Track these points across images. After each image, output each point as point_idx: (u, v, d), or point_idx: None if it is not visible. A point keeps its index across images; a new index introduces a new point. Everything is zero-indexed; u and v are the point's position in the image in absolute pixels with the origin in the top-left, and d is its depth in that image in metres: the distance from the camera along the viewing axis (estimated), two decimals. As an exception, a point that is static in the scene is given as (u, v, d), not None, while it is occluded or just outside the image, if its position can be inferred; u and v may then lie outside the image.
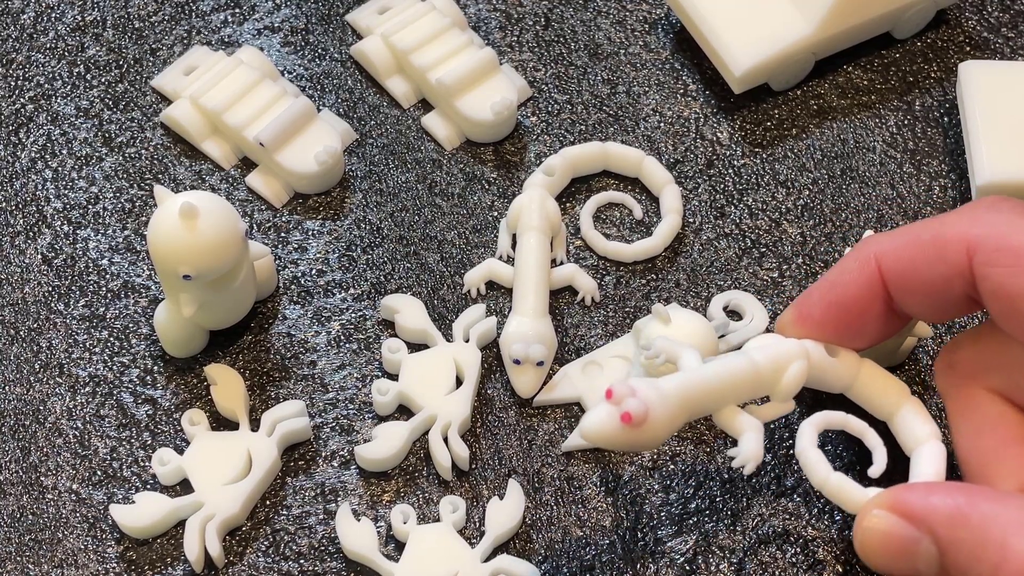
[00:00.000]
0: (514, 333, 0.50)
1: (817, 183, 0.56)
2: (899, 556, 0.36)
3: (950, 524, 0.34)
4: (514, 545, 0.48)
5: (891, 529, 0.36)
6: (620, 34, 0.60)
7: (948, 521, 0.34)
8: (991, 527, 0.33)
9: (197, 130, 0.56)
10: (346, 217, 0.55)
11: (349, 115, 0.58)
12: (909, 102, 0.58)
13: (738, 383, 0.41)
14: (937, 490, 0.35)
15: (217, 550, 0.47)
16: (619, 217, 0.55)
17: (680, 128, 0.57)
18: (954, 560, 0.34)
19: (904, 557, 0.36)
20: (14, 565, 0.47)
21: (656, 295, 0.53)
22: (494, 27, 0.60)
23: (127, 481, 0.49)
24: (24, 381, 0.51)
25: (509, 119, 0.56)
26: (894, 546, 0.36)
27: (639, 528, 0.48)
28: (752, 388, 0.42)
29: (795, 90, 0.58)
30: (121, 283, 0.53)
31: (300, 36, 0.60)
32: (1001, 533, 0.33)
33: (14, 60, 0.59)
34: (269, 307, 0.53)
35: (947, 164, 0.56)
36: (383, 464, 0.49)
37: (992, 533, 0.33)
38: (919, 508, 0.35)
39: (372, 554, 0.47)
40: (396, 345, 0.51)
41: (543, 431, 0.50)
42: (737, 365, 0.42)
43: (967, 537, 0.34)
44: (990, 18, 0.60)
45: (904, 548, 0.36)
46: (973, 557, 0.33)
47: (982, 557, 0.33)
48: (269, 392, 0.51)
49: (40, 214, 0.55)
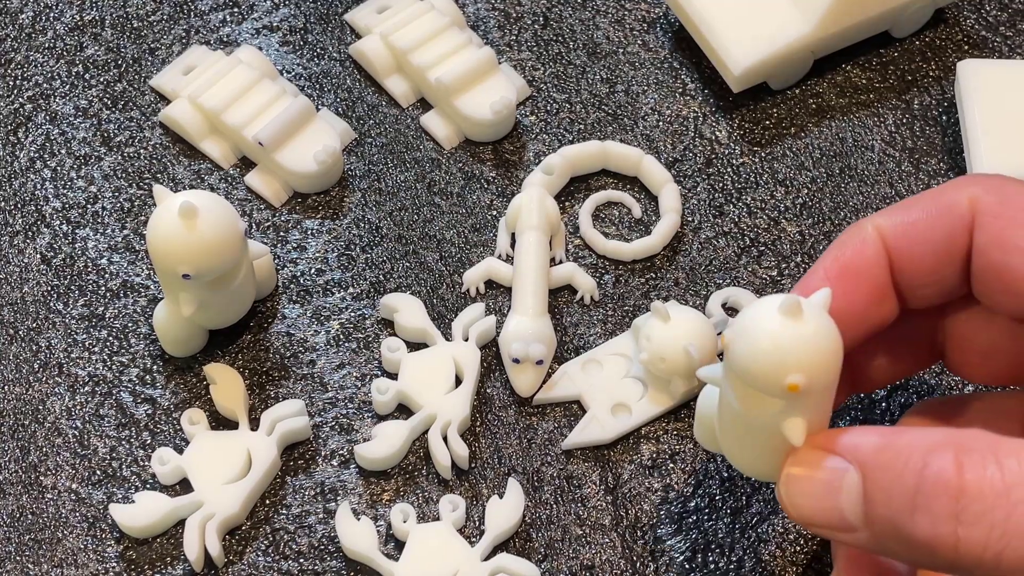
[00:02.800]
0: (513, 332, 0.50)
1: (816, 182, 0.56)
2: (823, 494, 0.35)
3: (875, 450, 0.34)
4: (514, 544, 0.48)
5: (815, 469, 0.36)
6: (619, 33, 0.60)
7: (873, 448, 0.34)
8: (914, 449, 0.33)
9: (196, 129, 0.56)
10: (345, 216, 0.55)
11: (348, 114, 0.58)
12: (908, 101, 0.58)
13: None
14: (864, 430, 0.35)
15: (217, 549, 0.47)
16: (618, 216, 0.55)
17: (679, 127, 0.57)
18: (877, 484, 0.34)
19: (828, 494, 0.35)
20: (14, 565, 0.47)
21: (655, 294, 0.53)
22: (493, 26, 0.60)
23: (127, 480, 0.49)
24: (23, 380, 0.51)
25: (508, 118, 0.56)
26: (819, 482, 0.35)
27: (639, 527, 0.48)
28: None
29: (794, 89, 0.58)
30: (120, 282, 0.53)
31: (299, 35, 0.60)
32: (923, 453, 0.33)
33: (12, 60, 0.59)
34: (268, 306, 0.53)
35: (946, 163, 0.56)
36: (383, 463, 0.49)
37: (915, 453, 0.33)
38: (846, 442, 0.35)
39: (372, 553, 0.47)
40: (395, 344, 0.51)
41: (543, 430, 0.50)
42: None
43: (891, 458, 0.34)
44: (988, 17, 0.60)
45: (828, 483, 0.35)
46: (896, 475, 0.33)
47: (904, 473, 0.33)
48: (268, 391, 0.51)
49: (39, 213, 0.55)
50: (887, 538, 0.34)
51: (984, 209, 0.37)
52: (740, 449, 0.38)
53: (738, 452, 0.38)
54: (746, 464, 0.39)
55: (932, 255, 0.39)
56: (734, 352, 0.35)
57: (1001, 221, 0.37)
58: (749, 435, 0.37)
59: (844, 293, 0.38)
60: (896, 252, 0.39)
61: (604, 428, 0.49)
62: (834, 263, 0.39)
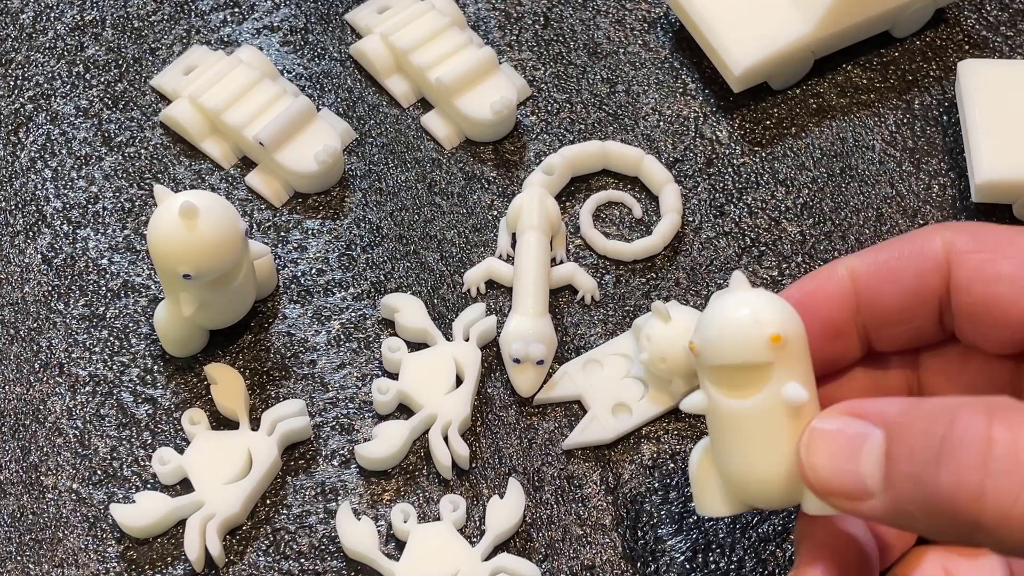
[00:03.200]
0: (514, 332, 0.50)
1: (816, 182, 0.56)
2: (844, 454, 0.35)
3: (901, 412, 0.34)
4: (514, 544, 0.48)
5: (841, 427, 0.36)
6: (619, 33, 0.60)
7: (899, 410, 0.34)
8: (943, 408, 0.33)
9: (197, 129, 0.56)
10: (346, 216, 0.55)
11: (348, 114, 0.58)
12: (908, 101, 0.58)
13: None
14: (888, 399, 0.35)
15: (217, 549, 0.47)
16: (619, 216, 0.55)
17: (679, 127, 0.57)
18: (902, 442, 0.33)
19: (849, 455, 0.35)
20: (14, 565, 0.47)
21: (656, 294, 0.53)
22: (493, 26, 0.60)
23: (127, 480, 0.49)
24: (24, 381, 0.51)
25: (508, 118, 0.56)
26: (841, 442, 0.35)
27: (639, 526, 0.48)
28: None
29: (794, 89, 0.58)
30: (121, 282, 0.53)
31: (299, 35, 0.60)
32: (951, 410, 0.33)
33: (13, 60, 0.59)
34: (269, 306, 0.53)
35: (946, 163, 0.56)
36: (383, 463, 0.49)
37: (943, 412, 0.33)
38: (871, 407, 0.35)
39: (372, 553, 0.47)
40: (396, 344, 0.51)
41: (543, 430, 0.50)
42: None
43: (918, 417, 0.33)
44: (989, 17, 0.60)
45: (851, 443, 0.35)
46: (922, 432, 0.33)
47: (931, 429, 0.33)
48: (269, 391, 0.51)
49: (40, 214, 0.55)
50: (906, 499, 0.33)
51: (960, 248, 0.38)
52: (754, 465, 0.37)
53: (753, 470, 0.37)
54: (766, 480, 0.38)
55: (901, 294, 0.39)
56: (709, 339, 0.36)
57: (979, 255, 0.38)
58: (757, 436, 0.37)
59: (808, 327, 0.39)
60: (866, 291, 0.39)
61: (605, 428, 0.49)
62: (795, 292, 0.40)
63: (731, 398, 0.37)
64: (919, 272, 0.38)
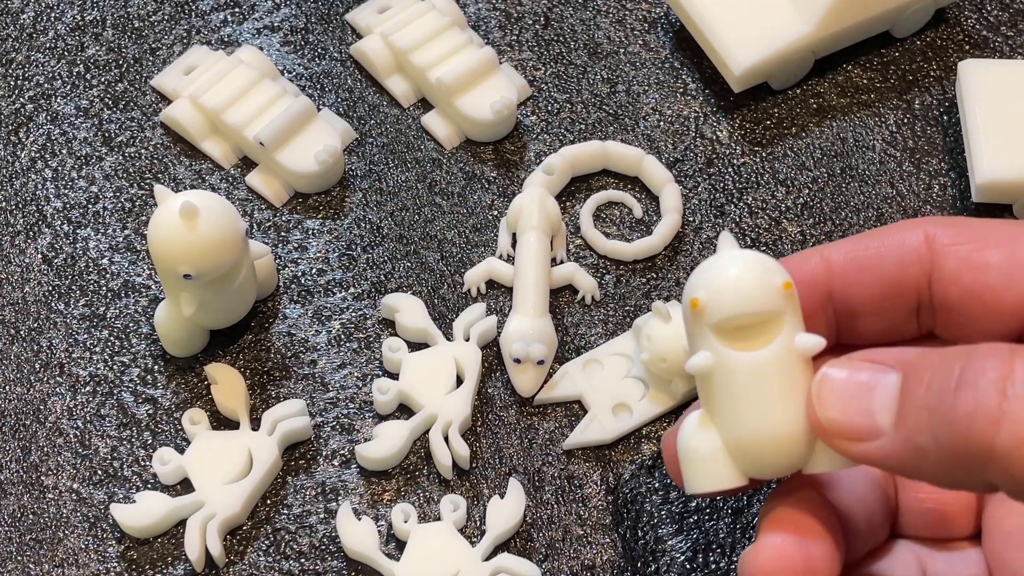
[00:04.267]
0: (514, 332, 0.50)
1: (817, 182, 0.56)
2: (856, 393, 0.34)
3: (922, 353, 0.34)
4: (515, 544, 0.48)
5: (855, 370, 0.35)
6: (620, 33, 0.60)
7: (920, 352, 0.34)
8: (960, 349, 0.33)
9: (197, 129, 0.56)
10: (346, 216, 0.55)
11: (349, 114, 0.58)
12: (908, 101, 0.58)
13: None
14: (907, 348, 0.35)
15: (218, 549, 0.47)
16: (619, 216, 0.55)
17: (680, 127, 0.57)
18: (919, 378, 0.33)
19: (861, 393, 0.34)
20: (15, 565, 0.47)
21: (656, 293, 0.53)
22: (494, 26, 0.60)
23: (128, 480, 0.49)
24: (24, 380, 0.51)
25: (509, 118, 0.56)
26: (854, 384, 0.35)
27: (640, 527, 0.48)
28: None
29: (794, 89, 0.58)
30: (121, 282, 0.53)
31: (300, 35, 0.60)
32: (970, 348, 0.32)
33: (14, 60, 0.59)
34: (269, 306, 0.53)
35: (946, 163, 0.56)
36: (384, 463, 0.49)
37: (961, 350, 0.33)
38: (889, 353, 0.34)
39: (373, 553, 0.47)
40: (396, 344, 0.51)
41: (543, 430, 0.50)
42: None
43: (937, 357, 0.33)
44: (989, 17, 0.60)
45: (865, 384, 0.34)
46: (939, 367, 0.32)
47: (948, 364, 0.32)
48: (270, 391, 0.51)
49: (40, 213, 0.55)
50: (919, 431, 0.32)
51: (944, 240, 0.37)
52: (764, 411, 0.36)
53: (760, 428, 0.36)
54: (775, 433, 0.37)
55: (878, 284, 0.38)
56: (719, 293, 0.35)
57: (967, 246, 0.37)
58: (769, 389, 0.36)
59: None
60: (841, 279, 0.39)
61: (605, 428, 0.49)
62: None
63: (741, 351, 0.36)
64: (899, 263, 0.38)
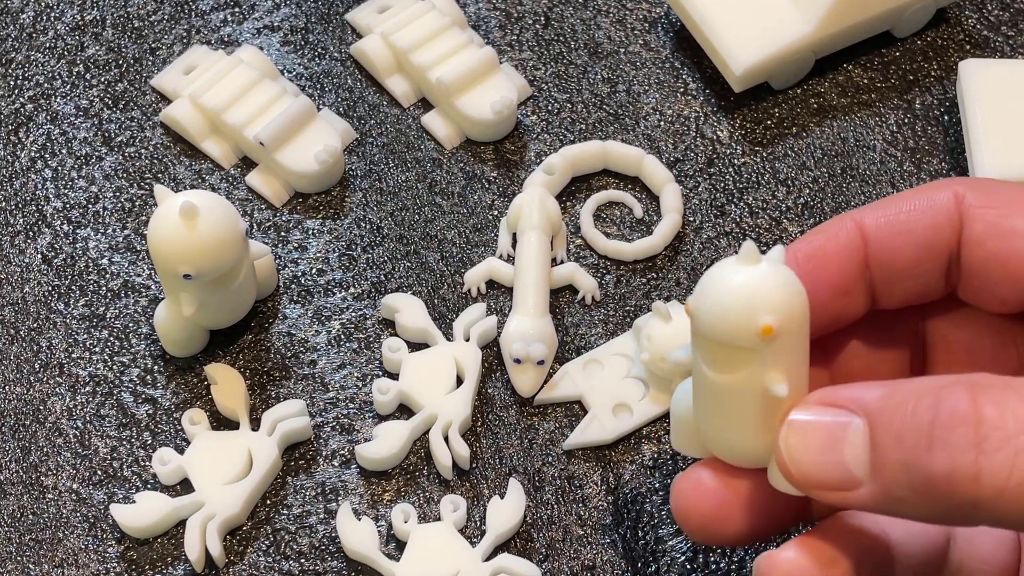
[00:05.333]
0: (514, 332, 0.50)
1: (817, 182, 0.56)
2: (825, 446, 0.34)
3: (881, 398, 0.33)
4: (515, 544, 0.48)
5: (817, 419, 0.35)
6: (620, 33, 0.60)
7: (878, 396, 0.33)
8: (924, 391, 0.32)
9: (197, 129, 0.56)
10: (346, 216, 0.55)
11: (349, 114, 0.57)
12: (909, 100, 0.58)
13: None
14: (863, 384, 0.34)
15: (218, 550, 0.46)
16: (619, 216, 0.55)
17: (680, 127, 0.57)
18: (886, 429, 0.32)
19: (830, 446, 0.34)
20: (14, 565, 0.47)
21: (656, 294, 0.53)
22: (494, 26, 0.60)
23: (127, 481, 0.49)
24: (24, 381, 0.51)
25: (509, 118, 0.56)
26: (820, 435, 0.34)
27: (640, 527, 0.48)
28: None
29: (795, 89, 0.58)
30: (121, 282, 0.53)
31: (300, 35, 0.60)
32: (934, 392, 0.32)
33: (13, 59, 0.59)
34: (269, 306, 0.53)
35: (947, 163, 0.56)
36: (384, 463, 0.49)
37: (925, 394, 0.32)
38: (847, 395, 0.34)
39: (373, 553, 0.47)
40: (396, 344, 0.51)
41: (544, 430, 0.50)
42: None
43: (900, 402, 0.33)
44: (990, 16, 0.60)
45: (831, 435, 0.34)
46: (906, 417, 0.32)
47: (916, 413, 0.32)
48: (269, 391, 0.51)
49: (40, 213, 0.55)
50: (898, 485, 0.32)
51: (973, 202, 0.37)
52: (725, 431, 0.36)
53: (723, 436, 0.37)
54: (735, 448, 0.37)
55: (913, 246, 0.38)
56: (701, 310, 0.35)
57: (994, 210, 0.37)
58: (732, 410, 0.36)
59: (807, 276, 0.37)
60: (877, 243, 0.38)
61: (605, 428, 0.49)
62: (804, 246, 0.38)
63: (712, 370, 0.36)
64: (932, 224, 0.37)
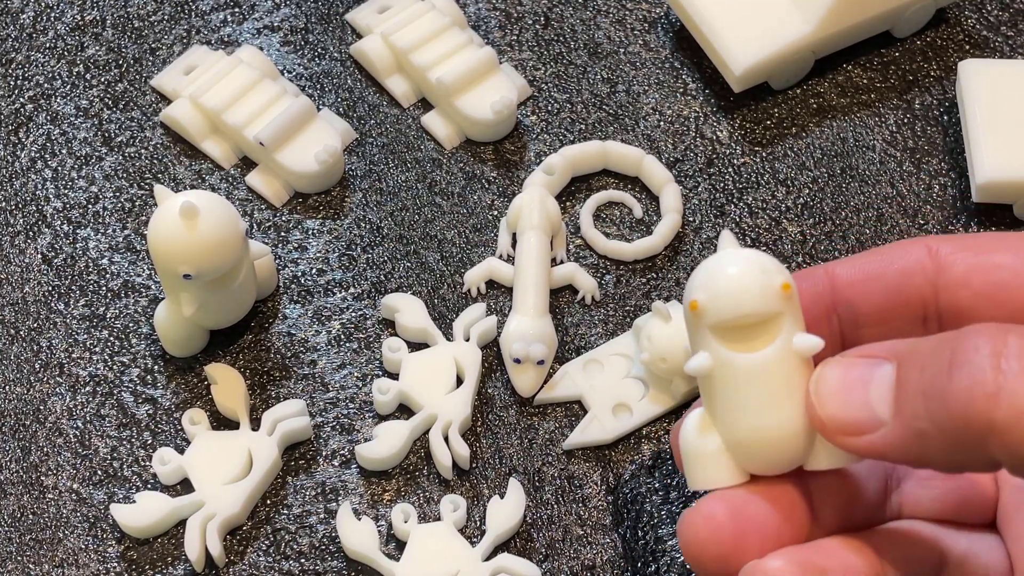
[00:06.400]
0: (514, 332, 0.50)
1: (817, 182, 0.56)
2: (853, 387, 0.35)
3: (913, 343, 0.34)
4: (515, 544, 0.48)
5: (851, 365, 0.36)
6: (620, 33, 0.60)
7: (911, 342, 0.34)
8: (948, 333, 0.33)
9: (197, 129, 0.56)
10: (346, 216, 0.55)
11: (349, 114, 0.58)
12: (909, 101, 0.58)
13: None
14: (895, 341, 0.35)
15: (218, 549, 0.47)
16: (619, 216, 0.55)
17: (680, 127, 0.57)
18: (913, 365, 0.33)
19: (858, 386, 0.35)
20: (15, 565, 0.47)
21: (656, 294, 0.53)
22: (494, 26, 0.60)
23: (128, 481, 0.49)
24: (24, 381, 0.51)
25: (509, 118, 0.56)
26: (851, 378, 0.35)
27: (640, 527, 0.48)
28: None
29: (795, 89, 0.58)
30: (121, 282, 0.53)
31: (300, 35, 0.60)
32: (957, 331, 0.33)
33: (13, 60, 0.59)
34: (269, 306, 0.53)
35: (947, 163, 0.56)
36: (384, 463, 0.49)
37: (949, 333, 0.33)
38: (882, 345, 0.35)
39: (373, 553, 0.47)
40: (396, 344, 0.51)
41: (543, 430, 0.50)
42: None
43: (929, 343, 0.33)
44: (989, 16, 0.60)
45: (861, 378, 0.35)
46: (932, 352, 0.33)
47: (940, 349, 0.33)
48: (269, 391, 0.51)
49: (40, 214, 0.55)
50: (917, 416, 0.33)
51: (948, 250, 0.38)
52: (762, 423, 0.36)
53: (760, 430, 0.36)
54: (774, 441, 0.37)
55: (882, 292, 0.39)
56: (716, 296, 0.35)
57: (970, 252, 0.38)
58: (767, 391, 0.36)
59: None
60: (847, 289, 0.39)
61: (605, 428, 0.49)
62: None
63: (741, 352, 0.36)
64: (902, 271, 0.38)
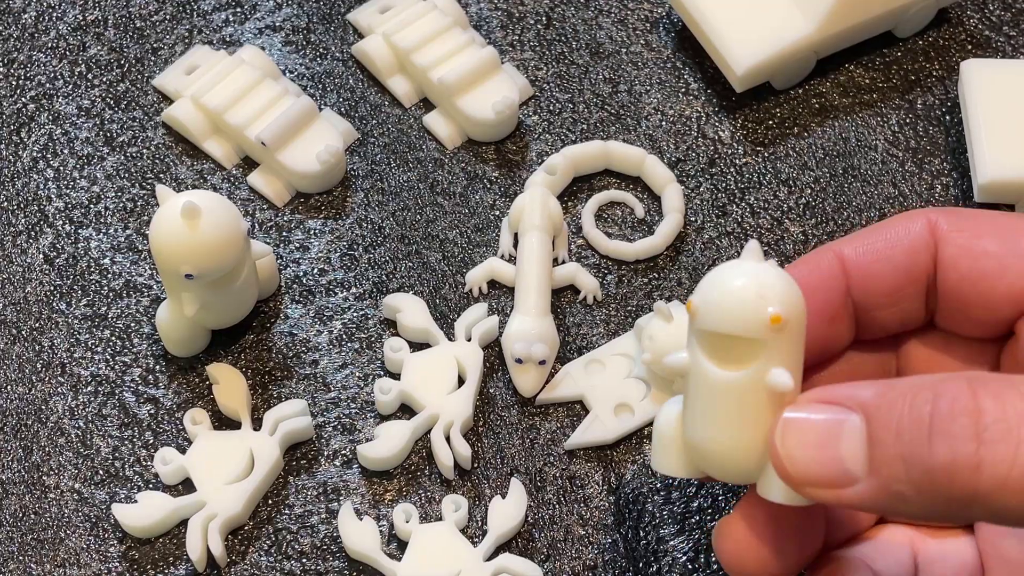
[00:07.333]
0: (516, 332, 0.50)
1: (819, 182, 0.56)
2: (822, 442, 0.33)
3: (878, 395, 0.33)
4: (516, 544, 0.48)
5: (815, 415, 0.35)
6: (622, 33, 0.60)
7: (876, 393, 0.33)
8: (921, 387, 0.32)
9: (199, 129, 0.56)
10: (348, 216, 0.55)
11: (351, 114, 0.58)
12: (911, 101, 0.58)
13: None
14: (858, 383, 0.34)
15: (219, 549, 0.47)
16: (621, 216, 0.55)
17: (682, 127, 0.57)
18: (884, 424, 0.32)
19: (827, 442, 0.33)
20: (16, 565, 0.47)
21: (658, 294, 0.53)
22: (495, 26, 0.60)
23: (129, 480, 0.49)
24: (26, 380, 0.51)
25: (511, 118, 0.56)
26: (817, 432, 0.34)
27: (641, 527, 0.48)
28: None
29: (797, 89, 0.58)
30: (123, 282, 0.53)
31: (301, 35, 0.60)
32: (932, 387, 0.32)
33: (15, 59, 0.59)
34: (271, 306, 0.53)
35: (949, 163, 0.56)
36: (385, 463, 0.49)
37: (923, 390, 0.32)
38: (843, 392, 0.34)
39: (374, 553, 0.47)
40: (398, 344, 0.51)
41: (545, 430, 0.50)
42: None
43: (897, 398, 0.32)
44: (992, 16, 0.60)
45: (827, 430, 0.34)
46: (905, 411, 0.32)
47: (914, 407, 0.32)
48: (271, 391, 0.51)
49: (42, 213, 0.55)
50: (897, 480, 0.32)
51: (945, 227, 0.38)
52: (721, 437, 0.36)
53: (717, 443, 0.36)
54: (728, 456, 0.37)
55: (892, 273, 0.39)
56: (708, 301, 0.35)
57: (965, 233, 0.38)
58: (732, 410, 0.36)
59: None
60: (856, 272, 0.39)
61: (607, 428, 0.49)
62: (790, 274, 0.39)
63: (716, 367, 0.36)
64: (909, 250, 0.38)
